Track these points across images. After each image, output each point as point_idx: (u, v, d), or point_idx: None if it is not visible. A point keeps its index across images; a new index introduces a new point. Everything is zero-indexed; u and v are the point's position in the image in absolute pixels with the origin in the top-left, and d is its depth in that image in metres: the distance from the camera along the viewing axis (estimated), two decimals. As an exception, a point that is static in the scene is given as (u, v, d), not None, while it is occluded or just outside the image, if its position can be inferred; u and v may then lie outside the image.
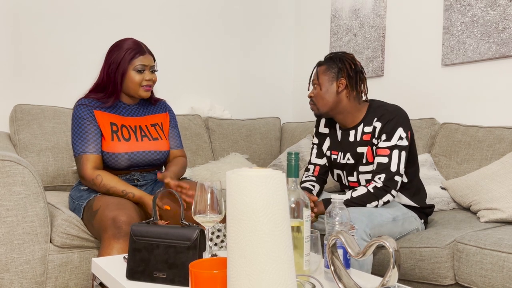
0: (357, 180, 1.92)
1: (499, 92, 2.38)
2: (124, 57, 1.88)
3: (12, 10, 2.66)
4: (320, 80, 1.90)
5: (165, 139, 2.02)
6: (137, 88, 1.91)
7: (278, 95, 3.64)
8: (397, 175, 1.78)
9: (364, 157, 1.87)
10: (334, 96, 1.88)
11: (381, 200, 1.79)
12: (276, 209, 0.84)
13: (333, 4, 3.27)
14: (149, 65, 1.92)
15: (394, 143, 1.80)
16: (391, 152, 1.79)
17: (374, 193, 1.78)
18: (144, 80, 1.91)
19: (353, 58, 1.91)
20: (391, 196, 1.80)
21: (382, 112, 1.85)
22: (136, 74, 1.90)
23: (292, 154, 1.21)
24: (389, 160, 1.79)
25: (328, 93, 1.88)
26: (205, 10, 3.30)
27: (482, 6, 2.40)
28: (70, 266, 1.85)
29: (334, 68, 1.88)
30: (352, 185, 1.96)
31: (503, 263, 1.53)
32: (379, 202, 1.79)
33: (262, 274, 0.82)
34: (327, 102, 1.88)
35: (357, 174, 1.91)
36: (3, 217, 1.72)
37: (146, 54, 1.92)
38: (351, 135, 1.91)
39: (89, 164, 1.82)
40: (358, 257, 1.05)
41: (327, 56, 1.94)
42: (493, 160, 2.16)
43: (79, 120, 1.87)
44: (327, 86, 1.88)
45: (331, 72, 1.89)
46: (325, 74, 1.89)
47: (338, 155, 1.97)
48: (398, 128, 1.81)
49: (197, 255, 1.18)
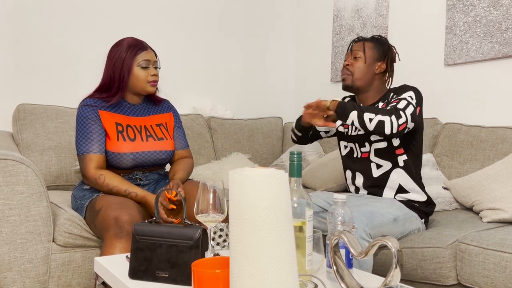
0: (370, 150, 1.93)
1: (502, 92, 2.38)
2: (127, 55, 1.89)
3: (15, 10, 2.66)
4: (366, 54, 1.91)
5: (170, 139, 2.02)
6: (144, 85, 1.92)
7: (280, 95, 3.64)
8: (403, 112, 1.74)
9: None
10: (371, 74, 1.92)
11: (380, 115, 1.72)
12: (279, 209, 0.84)
13: (335, 4, 3.26)
14: (152, 60, 1.93)
15: (403, 97, 1.81)
16: (400, 101, 1.80)
17: (380, 109, 1.76)
18: (150, 75, 1.91)
19: (395, 49, 1.97)
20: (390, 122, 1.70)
21: (399, 88, 1.89)
22: (141, 70, 1.90)
23: (294, 153, 1.21)
24: (397, 103, 1.79)
25: (369, 69, 1.91)
26: (206, 10, 3.30)
27: (485, 6, 2.40)
28: (73, 265, 1.85)
29: (380, 50, 1.92)
30: (364, 156, 1.95)
31: (505, 263, 1.52)
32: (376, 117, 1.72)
33: (264, 274, 0.83)
34: (364, 76, 1.91)
35: (369, 144, 1.92)
36: (6, 216, 1.72)
37: (148, 50, 1.94)
38: None
39: (92, 164, 1.83)
40: (360, 257, 1.05)
41: (374, 36, 1.97)
42: (495, 160, 2.15)
43: (83, 120, 1.87)
44: (370, 61, 1.91)
45: (378, 51, 1.92)
46: (372, 50, 1.92)
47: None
48: (410, 91, 1.83)
49: (199, 255, 1.18)
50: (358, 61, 1.92)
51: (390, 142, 1.89)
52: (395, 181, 1.89)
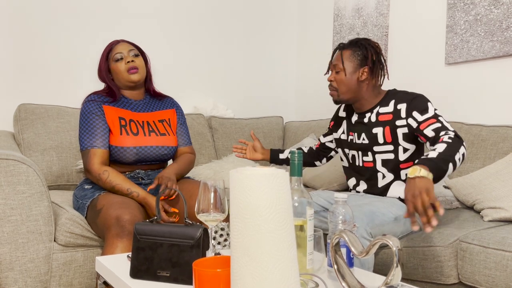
0: (373, 160, 1.92)
1: (503, 91, 2.37)
2: (103, 58, 1.97)
3: (16, 10, 2.66)
4: (345, 65, 1.86)
5: (173, 134, 2.03)
6: (125, 76, 1.94)
7: (281, 94, 3.64)
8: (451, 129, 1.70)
9: (380, 137, 1.87)
10: (356, 83, 1.87)
11: (461, 149, 1.61)
12: (280, 208, 0.84)
13: (336, 3, 3.26)
14: (126, 50, 1.95)
15: (433, 113, 1.76)
16: (437, 119, 1.74)
17: (453, 142, 1.62)
18: (125, 63, 1.93)
19: (378, 46, 1.89)
20: (464, 149, 1.64)
21: (401, 95, 1.85)
22: (117, 63, 1.95)
23: (295, 153, 1.21)
24: (442, 124, 1.72)
25: (352, 79, 1.86)
26: (207, 10, 3.30)
27: (485, 5, 2.39)
28: (74, 264, 1.85)
29: (359, 55, 1.86)
30: (366, 165, 1.94)
31: (507, 262, 1.52)
32: (460, 153, 1.61)
33: (265, 273, 0.83)
34: (349, 88, 1.87)
35: (372, 154, 1.91)
36: (7, 216, 1.73)
37: (120, 42, 1.98)
38: (366, 117, 1.92)
39: (96, 158, 1.83)
40: (361, 256, 1.05)
41: (352, 40, 1.91)
42: (496, 159, 2.15)
43: (87, 115, 1.89)
44: (351, 72, 1.86)
45: (356, 58, 1.86)
46: (350, 60, 1.87)
47: (354, 136, 1.98)
48: (428, 103, 1.80)
49: (200, 254, 1.19)
50: (340, 75, 1.87)
51: (396, 155, 1.87)
52: (395, 192, 1.89)
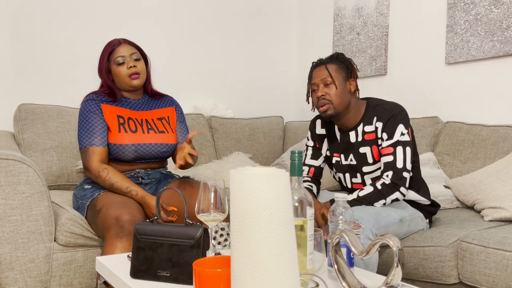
0: (362, 181, 1.91)
1: (503, 91, 2.37)
2: (104, 59, 1.94)
3: (16, 10, 2.66)
4: (335, 78, 1.85)
5: (172, 132, 2.03)
6: (126, 80, 1.94)
7: (281, 94, 3.64)
8: (404, 171, 1.77)
9: (369, 157, 1.86)
10: (347, 95, 1.87)
11: (388, 198, 1.77)
12: (280, 208, 0.84)
13: (336, 3, 3.26)
14: (128, 53, 1.93)
15: (396, 139, 1.79)
16: (395, 149, 1.78)
17: (382, 190, 1.76)
18: (127, 69, 1.92)
19: (352, 61, 1.93)
20: (400, 194, 1.77)
21: (381, 111, 1.85)
22: (119, 67, 1.93)
23: (295, 153, 1.21)
24: (394, 158, 1.78)
25: (344, 91, 1.86)
26: (207, 10, 3.30)
27: (486, 4, 2.39)
28: (74, 264, 1.85)
29: (344, 69, 1.87)
30: (355, 187, 1.94)
31: (507, 262, 1.52)
32: (387, 200, 1.77)
33: (265, 273, 0.83)
34: (344, 101, 1.85)
35: (361, 175, 1.90)
36: (7, 216, 1.72)
37: (122, 44, 1.95)
38: (351, 136, 1.89)
39: (95, 157, 1.84)
40: (361, 256, 1.05)
41: (331, 56, 1.91)
42: (497, 159, 2.15)
43: (86, 114, 1.89)
44: (341, 84, 1.86)
45: (343, 71, 1.87)
46: (338, 73, 1.87)
47: (340, 157, 1.95)
48: (399, 125, 1.80)
49: (200, 254, 1.18)
50: (331, 88, 1.85)
51: None
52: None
